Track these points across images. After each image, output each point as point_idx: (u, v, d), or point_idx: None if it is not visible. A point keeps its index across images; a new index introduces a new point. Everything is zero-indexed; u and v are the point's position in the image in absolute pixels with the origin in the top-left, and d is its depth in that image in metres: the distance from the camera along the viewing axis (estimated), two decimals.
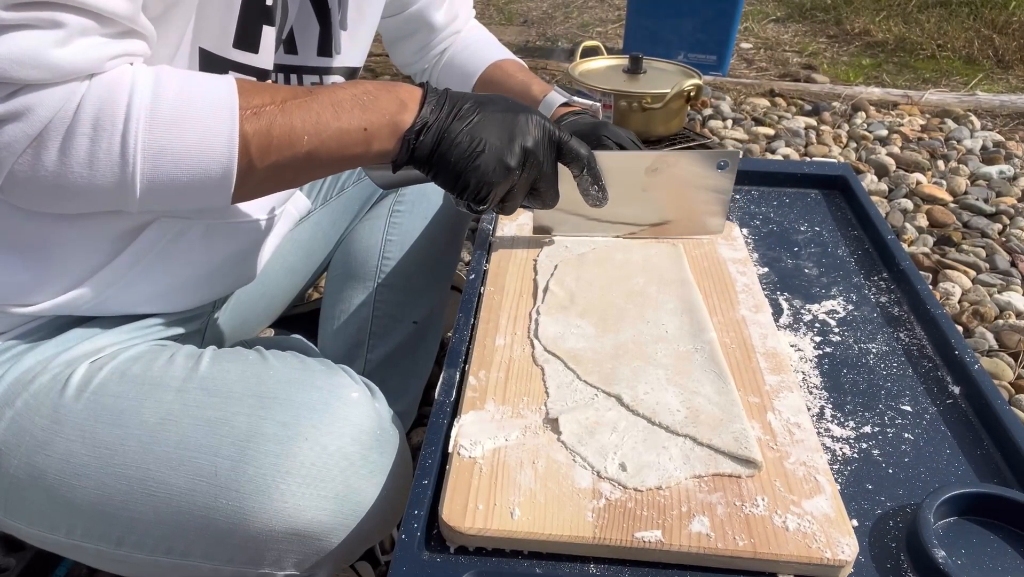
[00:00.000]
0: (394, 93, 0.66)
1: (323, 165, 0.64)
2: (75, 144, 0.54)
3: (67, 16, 0.51)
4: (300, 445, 0.60)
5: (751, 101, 2.49)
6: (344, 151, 0.63)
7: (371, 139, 0.64)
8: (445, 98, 0.67)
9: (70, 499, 0.63)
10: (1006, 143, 2.21)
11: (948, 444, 0.63)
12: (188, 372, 0.66)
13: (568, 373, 0.66)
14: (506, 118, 0.68)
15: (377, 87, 0.65)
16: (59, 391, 0.64)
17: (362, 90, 0.64)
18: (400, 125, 0.65)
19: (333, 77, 0.83)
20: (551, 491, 0.54)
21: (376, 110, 0.64)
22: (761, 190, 1.02)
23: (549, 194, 0.75)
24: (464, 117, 0.66)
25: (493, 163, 0.67)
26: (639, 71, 1.80)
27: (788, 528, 0.51)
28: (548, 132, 0.71)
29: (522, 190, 0.72)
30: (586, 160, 0.74)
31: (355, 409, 0.64)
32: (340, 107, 0.62)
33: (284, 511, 0.60)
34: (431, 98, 0.66)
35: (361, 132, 0.63)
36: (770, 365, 0.67)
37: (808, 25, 3.37)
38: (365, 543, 0.66)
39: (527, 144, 0.69)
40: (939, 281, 1.57)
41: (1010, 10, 3.22)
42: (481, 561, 0.51)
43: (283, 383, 0.65)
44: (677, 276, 0.78)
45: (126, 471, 0.62)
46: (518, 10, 3.56)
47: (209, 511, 0.60)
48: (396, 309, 1.02)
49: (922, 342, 0.74)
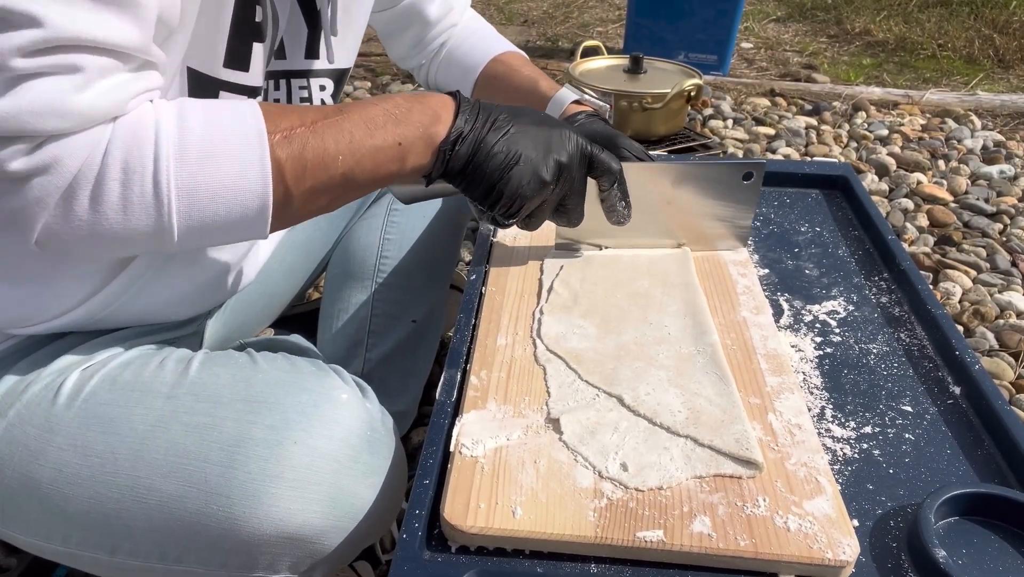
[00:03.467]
0: (426, 104, 0.64)
1: (359, 186, 0.62)
2: (106, 191, 0.52)
3: (85, 58, 0.49)
4: (289, 449, 0.60)
5: (752, 101, 2.49)
6: (379, 169, 0.62)
7: (406, 154, 0.63)
8: (479, 108, 0.66)
9: (64, 508, 0.63)
10: (1007, 143, 2.21)
11: (949, 444, 0.63)
12: (177, 377, 0.66)
13: (570, 373, 0.66)
14: (541, 131, 0.67)
15: (408, 100, 0.64)
16: (51, 400, 0.64)
17: (393, 104, 0.63)
18: (435, 137, 0.63)
19: (321, 80, 0.82)
20: (553, 490, 0.54)
21: (410, 123, 0.63)
22: (761, 190, 1.02)
23: (576, 211, 0.73)
24: (499, 128, 0.65)
25: (528, 176, 0.66)
26: (639, 71, 1.81)
27: (789, 528, 0.52)
28: (581, 147, 0.70)
29: (551, 205, 0.71)
30: (617, 174, 0.73)
31: (345, 410, 0.63)
32: (373, 123, 0.61)
33: (275, 515, 0.59)
34: (464, 108, 0.65)
35: (396, 147, 0.62)
36: (771, 366, 0.67)
37: (808, 25, 3.37)
38: (361, 543, 0.66)
39: (562, 158, 0.67)
40: (940, 281, 1.57)
41: (1010, 10, 3.22)
42: (482, 560, 0.52)
43: (272, 386, 0.64)
44: (683, 279, 0.78)
45: (118, 479, 0.61)
46: (518, 10, 3.56)
47: (201, 517, 0.60)
48: (395, 308, 1.02)
49: (923, 342, 0.74)
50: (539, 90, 0.94)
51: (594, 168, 0.72)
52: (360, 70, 2.70)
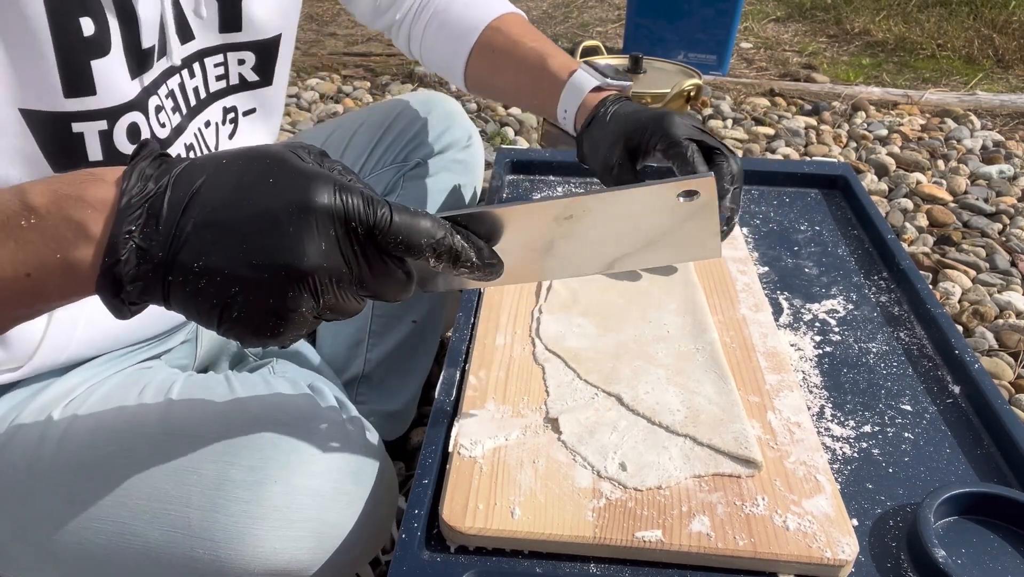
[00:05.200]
0: (68, 209, 0.41)
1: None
2: None
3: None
4: (269, 489, 0.58)
5: (751, 101, 2.49)
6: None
7: (40, 288, 0.42)
8: (150, 197, 0.41)
9: (54, 553, 0.62)
10: (1006, 143, 2.20)
11: (948, 443, 0.63)
12: (158, 415, 0.64)
13: (568, 372, 0.66)
14: (253, 229, 0.41)
15: (49, 196, 0.42)
16: (35, 444, 0.63)
17: (18, 206, 0.42)
18: (79, 265, 0.41)
19: (241, 54, 0.71)
20: (551, 491, 0.54)
21: (34, 242, 0.41)
22: (761, 189, 1.02)
23: (403, 291, 0.46)
24: (188, 239, 0.41)
25: (259, 319, 0.42)
26: (639, 71, 1.80)
27: (788, 528, 0.51)
28: (336, 218, 0.42)
29: (342, 310, 0.45)
30: (434, 245, 0.45)
31: (325, 442, 0.62)
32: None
33: (261, 555, 0.58)
34: (128, 205, 0.41)
35: (23, 279, 0.42)
36: (770, 364, 0.67)
37: (808, 25, 3.37)
38: (353, 566, 0.65)
39: (295, 261, 0.41)
40: (939, 281, 1.57)
41: (1010, 10, 3.22)
42: (481, 561, 0.51)
43: (248, 422, 0.62)
44: (681, 277, 0.78)
45: (104, 525, 0.61)
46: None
47: (188, 561, 0.59)
48: (396, 308, 1.01)
49: (922, 341, 0.74)
50: (548, 69, 0.81)
51: (387, 247, 0.44)
52: (360, 70, 2.70)
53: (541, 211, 0.54)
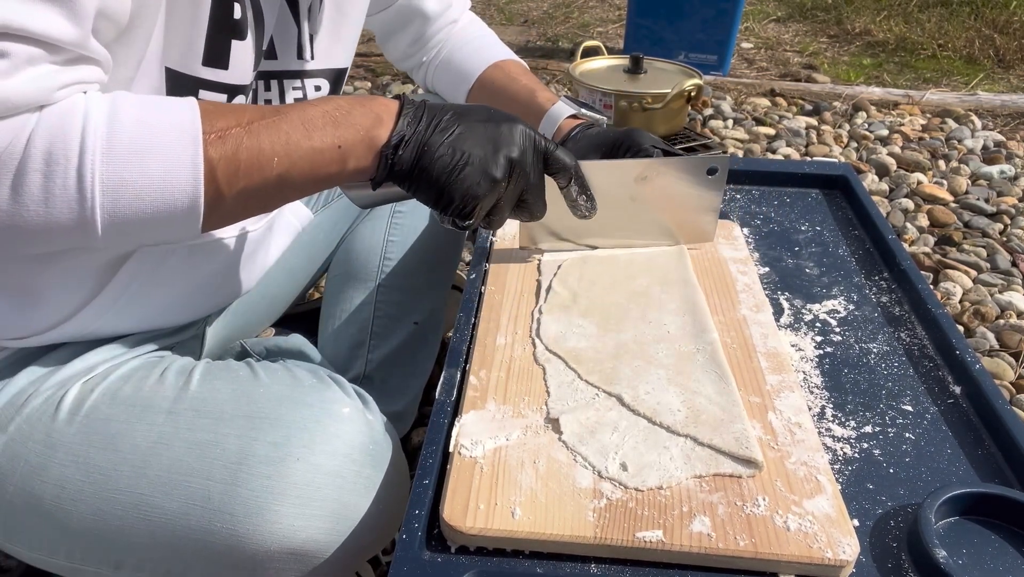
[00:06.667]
0: (368, 107, 0.62)
1: (296, 187, 0.61)
2: (28, 181, 0.50)
3: (11, 45, 0.47)
4: (292, 466, 0.60)
5: (752, 101, 2.49)
6: (317, 171, 0.60)
7: (346, 157, 0.61)
8: (423, 110, 0.63)
9: (67, 524, 0.63)
10: (1007, 143, 2.20)
11: (949, 444, 0.63)
12: (178, 392, 0.65)
13: (569, 372, 0.66)
14: (488, 128, 0.64)
15: (351, 101, 0.62)
16: (51, 415, 0.64)
17: (334, 106, 0.61)
18: (376, 140, 0.61)
19: (316, 80, 0.80)
20: (552, 491, 0.54)
21: (350, 125, 0.60)
22: (762, 190, 1.02)
23: (537, 206, 0.71)
24: (445, 129, 0.63)
25: (478, 176, 0.63)
26: (640, 71, 1.80)
27: (789, 528, 0.51)
28: (534, 141, 0.67)
29: (509, 203, 0.68)
30: (572, 170, 0.71)
31: (347, 425, 0.63)
32: (311, 125, 0.59)
33: (279, 532, 0.59)
34: (407, 110, 0.63)
35: (335, 150, 0.60)
36: (771, 365, 0.67)
37: (809, 25, 3.37)
38: (365, 554, 0.66)
39: (512, 154, 0.64)
40: (940, 281, 1.57)
41: (1011, 10, 3.22)
42: (482, 561, 0.51)
43: (273, 401, 0.64)
44: (681, 277, 0.78)
45: (120, 496, 0.61)
46: (519, 10, 3.56)
47: (205, 534, 0.60)
48: (397, 309, 1.02)
49: (923, 342, 0.74)
50: (535, 101, 0.92)
51: (549, 165, 0.69)
52: (360, 70, 2.70)
53: (622, 169, 0.78)
